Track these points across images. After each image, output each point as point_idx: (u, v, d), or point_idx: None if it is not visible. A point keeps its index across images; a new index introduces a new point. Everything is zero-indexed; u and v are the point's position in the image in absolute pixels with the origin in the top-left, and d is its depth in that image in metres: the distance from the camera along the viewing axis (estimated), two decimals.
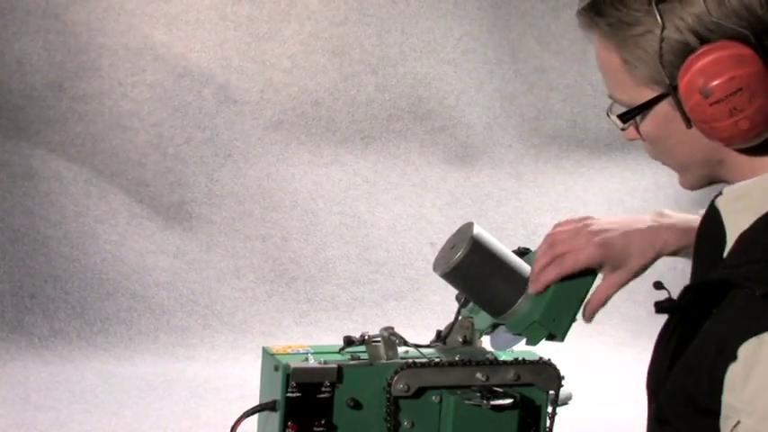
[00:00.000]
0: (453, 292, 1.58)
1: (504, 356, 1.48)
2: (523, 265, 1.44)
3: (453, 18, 4.50)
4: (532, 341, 1.41)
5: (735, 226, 1.10)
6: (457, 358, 1.44)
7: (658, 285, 1.29)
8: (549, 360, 1.50)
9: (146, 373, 3.66)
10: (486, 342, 1.61)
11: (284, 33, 4.27)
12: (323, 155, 4.32)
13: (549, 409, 1.48)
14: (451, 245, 1.43)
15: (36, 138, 3.97)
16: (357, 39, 4.36)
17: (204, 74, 4.16)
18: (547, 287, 1.33)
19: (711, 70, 1.01)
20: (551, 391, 1.45)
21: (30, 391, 3.41)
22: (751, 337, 0.99)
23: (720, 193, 1.18)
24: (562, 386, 1.49)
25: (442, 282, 1.44)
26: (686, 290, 1.13)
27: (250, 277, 4.11)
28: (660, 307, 1.16)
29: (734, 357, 1.00)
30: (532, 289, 1.34)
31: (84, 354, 3.75)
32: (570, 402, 3.41)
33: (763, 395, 0.99)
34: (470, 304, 1.53)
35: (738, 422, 1.01)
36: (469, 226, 1.41)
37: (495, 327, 1.48)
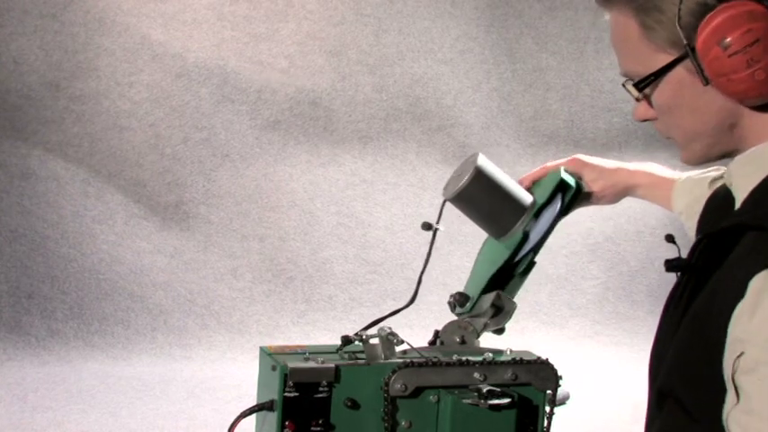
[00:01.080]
0: (451, 292, 1.58)
1: (501, 357, 1.49)
2: (524, 193, 1.50)
3: (450, 18, 4.50)
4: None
5: (744, 187, 1.14)
6: (454, 358, 1.44)
7: (670, 238, 1.31)
8: (547, 360, 1.50)
9: (143, 373, 3.65)
10: (484, 342, 1.61)
11: (281, 33, 4.27)
12: (320, 155, 4.32)
13: (547, 409, 1.48)
14: (459, 173, 1.50)
15: (33, 138, 3.96)
16: (354, 39, 4.36)
17: (201, 74, 4.16)
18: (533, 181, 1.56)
19: (729, 24, 1.06)
20: (549, 391, 1.46)
21: (27, 392, 3.41)
22: (760, 271, 1.01)
23: (717, 192, 1.23)
24: (560, 386, 1.49)
25: (440, 281, 1.45)
26: (696, 244, 1.16)
27: (247, 277, 4.11)
28: (671, 265, 1.18)
29: (743, 294, 1.02)
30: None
31: (81, 354, 3.75)
32: (568, 402, 3.42)
33: None
34: (467, 305, 1.53)
35: (743, 353, 1.02)
36: (475, 156, 1.49)
37: (494, 314, 1.49)
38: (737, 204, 1.15)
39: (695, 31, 1.08)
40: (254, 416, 1.44)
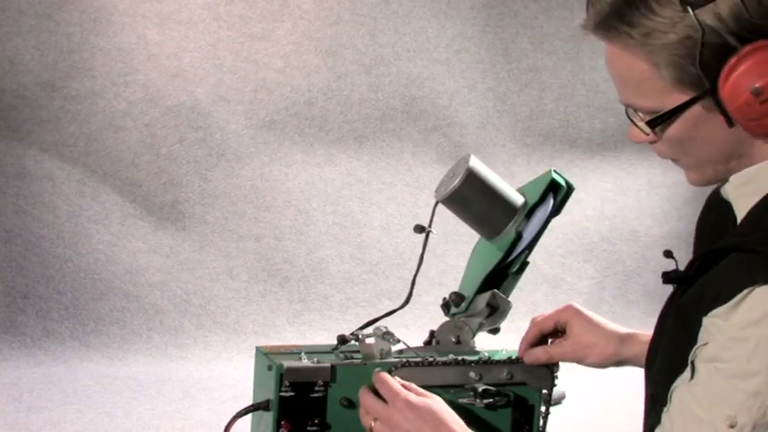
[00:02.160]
0: (446, 291, 1.58)
1: (497, 356, 1.49)
2: (515, 193, 1.50)
3: (446, 18, 4.50)
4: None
5: (745, 207, 1.14)
6: (450, 357, 1.44)
7: (668, 254, 1.32)
8: None
9: (139, 374, 3.65)
10: (479, 342, 1.61)
11: (277, 33, 4.27)
12: (316, 155, 4.32)
13: (543, 409, 1.48)
14: (451, 174, 1.52)
15: (29, 138, 3.96)
16: (350, 38, 4.36)
17: (197, 74, 4.15)
18: None
19: (759, 70, 1.03)
20: (544, 391, 1.46)
21: (22, 392, 3.40)
22: (749, 286, 1.04)
23: (717, 191, 1.24)
24: (555, 385, 1.49)
25: (436, 282, 1.46)
26: (693, 260, 1.17)
27: (243, 277, 4.10)
28: (668, 277, 1.20)
29: (727, 300, 1.05)
30: None
31: (76, 354, 3.74)
32: (563, 402, 3.41)
33: (736, 331, 1.03)
34: (463, 305, 1.53)
35: (707, 343, 1.07)
36: (467, 157, 1.50)
37: (489, 314, 1.50)
38: (738, 217, 1.17)
39: (716, 72, 1.05)
40: (249, 415, 1.44)
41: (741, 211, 1.15)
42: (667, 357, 1.16)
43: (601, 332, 1.48)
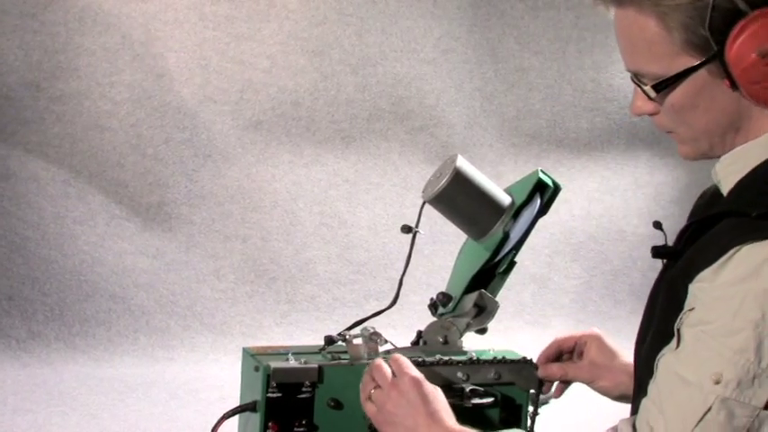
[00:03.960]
0: (434, 292, 1.58)
1: (484, 355, 1.49)
2: (502, 193, 1.50)
3: (433, 18, 4.50)
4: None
5: (731, 184, 1.16)
6: (437, 358, 1.44)
7: (657, 225, 1.34)
8: (530, 359, 1.50)
9: (125, 375, 3.64)
10: (467, 342, 1.61)
11: (263, 33, 4.26)
12: (303, 155, 4.31)
13: (530, 409, 1.48)
14: (438, 174, 1.52)
15: (13, 138, 3.93)
16: (337, 38, 4.35)
17: (183, 74, 4.14)
18: None
19: (766, 32, 1.06)
20: (532, 390, 1.46)
21: (7, 394, 3.38)
22: (735, 246, 1.05)
23: (704, 193, 1.29)
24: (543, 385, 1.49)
25: (424, 282, 1.46)
26: (683, 233, 1.18)
27: (230, 278, 4.09)
28: (657, 251, 1.22)
29: (713, 262, 1.06)
30: None
31: (62, 356, 3.72)
32: (551, 402, 3.42)
33: (721, 291, 1.05)
34: (450, 305, 1.53)
35: (693, 308, 1.08)
36: (454, 157, 1.50)
37: (476, 314, 1.49)
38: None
39: (724, 36, 1.08)
40: (237, 417, 1.44)
41: (726, 188, 1.18)
42: (658, 334, 1.17)
43: (618, 361, 1.53)
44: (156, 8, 4.09)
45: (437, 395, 1.30)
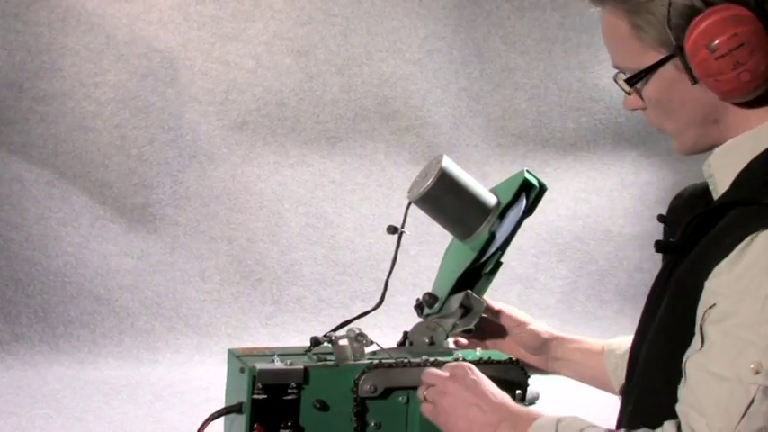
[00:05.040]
0: (420, 292, 1.58)
1: (470, 356, 1.48)
2: (488, 194, 1.50)
3: (418, 18, 4.50)
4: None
5: (726, 176, 1.19)
6: (423, 359, 1.43)
7: (661, 218, 1.36)
8: (516, 360, 1.50)
9: (110, 377, 3.62)
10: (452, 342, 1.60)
11: (248, 33, 4.24)
12: (288, 155, 4.30)
13: None
14: (423, 174, 1.51)
15: None
16: (322, 39, 4.35)
17: (168, 74, 4.12)
18: None
19: (716, 28, 1.12)
20: (518, 391, 1.45)
21: None
22: (747, 236, 1.07)
23: (680, 194, 1.32)
24: (528, 385, 1.49)
25: (410, 282, 1.46)
26: (687, 226, 1.19)
27: (215, 279, 4.08)
28: (660, 246, 1.24)
29: (728, 253, 1.07)
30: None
31: (46, 358, 3.70)
32: (537, 402, 3.42)
33: (745, 280, 1.06)
34: (436, 306, 1.53)
35: (714, 304, 1.08)
36: (440, 157, 1.50)
37: (463, 315, 1.49)
38: (720, 191, 1.20)
39: (684, 32, 1.14)
40: (222, 419, 1.43)
41: (720, 182, 1.21)
42: (661, 331, 1.17)
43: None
44: (140, 8, 4.08)
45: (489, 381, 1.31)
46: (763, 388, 1.04)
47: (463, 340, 1.59)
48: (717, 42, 1.12)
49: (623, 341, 1.54)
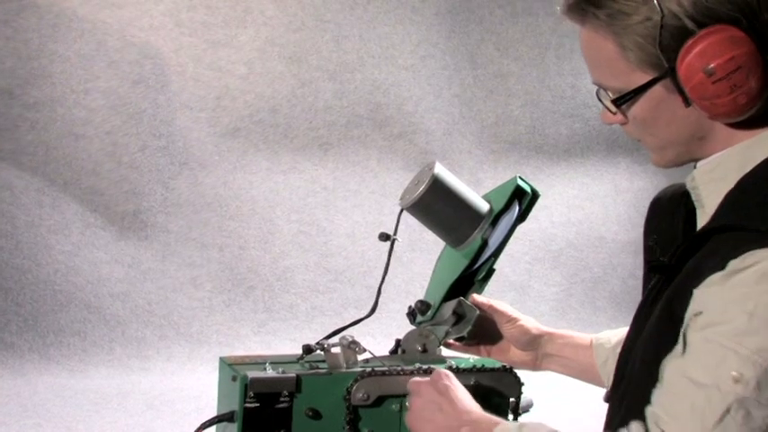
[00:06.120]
0: (413, 300, 1.56)
1: (464, 363, 1.47)
2: (480, 200, 1.49)
3: (411, 24, 4.49)
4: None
5: (714, 192, 1.19)
6: (416, 366, 1.42)
7: (648, 243, 1.37)
8: (510, 367, 1.49)
9: (100, 386, 3.60)
10: (452, 350, 1.59)
11: (240, 39, 4.23)
12: (281, 162, 4.29)
13: (511, 417, 1.47)
14: (416, 181, 1.51)
15: None
16: (314, 45, 4.34)
17: (159, 81, 4.11)
18: None
19: (712, 51, 1.10)
20: (512, 398, 1.45)
21: None
22: (739, 255, 1.07)
23: (658, 198, 1.35)
24: (522, 393, 1.48)
25: (402, 290, 1.45)
26: (677, 247, 1.19)
27: (207, 287, 4.06)
28: (652, 267, 1.24)
29: (722, 268, 1.08)
30: None
31: (36, 367, 3.68)
32: (531, 409, 3.41)
33: (735, 293, 1.06)
34: (428, 313, 1.52)
35: (701, 312, 1.09)
36: (432, 164, 1.50)
37: (455, 322, 1.48)
38: (706, 207, 1.20)
39: (675, 54, 1.12)
40: (214, 428, 1.42)
41: (707, 197, 1.20)
42: (650, 342, 1.17)
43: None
44: (131, 15, 4.06)
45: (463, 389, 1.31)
46: (740, 399, 1.04)
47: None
48: (713, 66, 1.10)
49: (611, 334, 1.57)
